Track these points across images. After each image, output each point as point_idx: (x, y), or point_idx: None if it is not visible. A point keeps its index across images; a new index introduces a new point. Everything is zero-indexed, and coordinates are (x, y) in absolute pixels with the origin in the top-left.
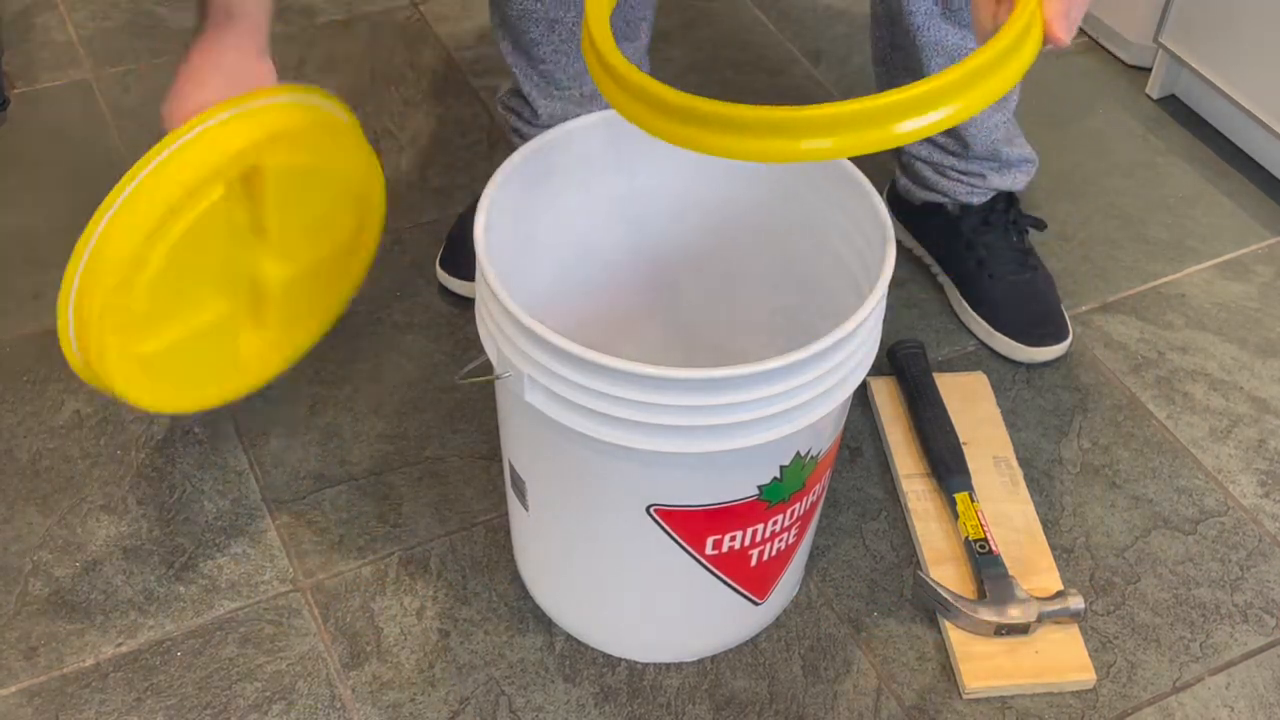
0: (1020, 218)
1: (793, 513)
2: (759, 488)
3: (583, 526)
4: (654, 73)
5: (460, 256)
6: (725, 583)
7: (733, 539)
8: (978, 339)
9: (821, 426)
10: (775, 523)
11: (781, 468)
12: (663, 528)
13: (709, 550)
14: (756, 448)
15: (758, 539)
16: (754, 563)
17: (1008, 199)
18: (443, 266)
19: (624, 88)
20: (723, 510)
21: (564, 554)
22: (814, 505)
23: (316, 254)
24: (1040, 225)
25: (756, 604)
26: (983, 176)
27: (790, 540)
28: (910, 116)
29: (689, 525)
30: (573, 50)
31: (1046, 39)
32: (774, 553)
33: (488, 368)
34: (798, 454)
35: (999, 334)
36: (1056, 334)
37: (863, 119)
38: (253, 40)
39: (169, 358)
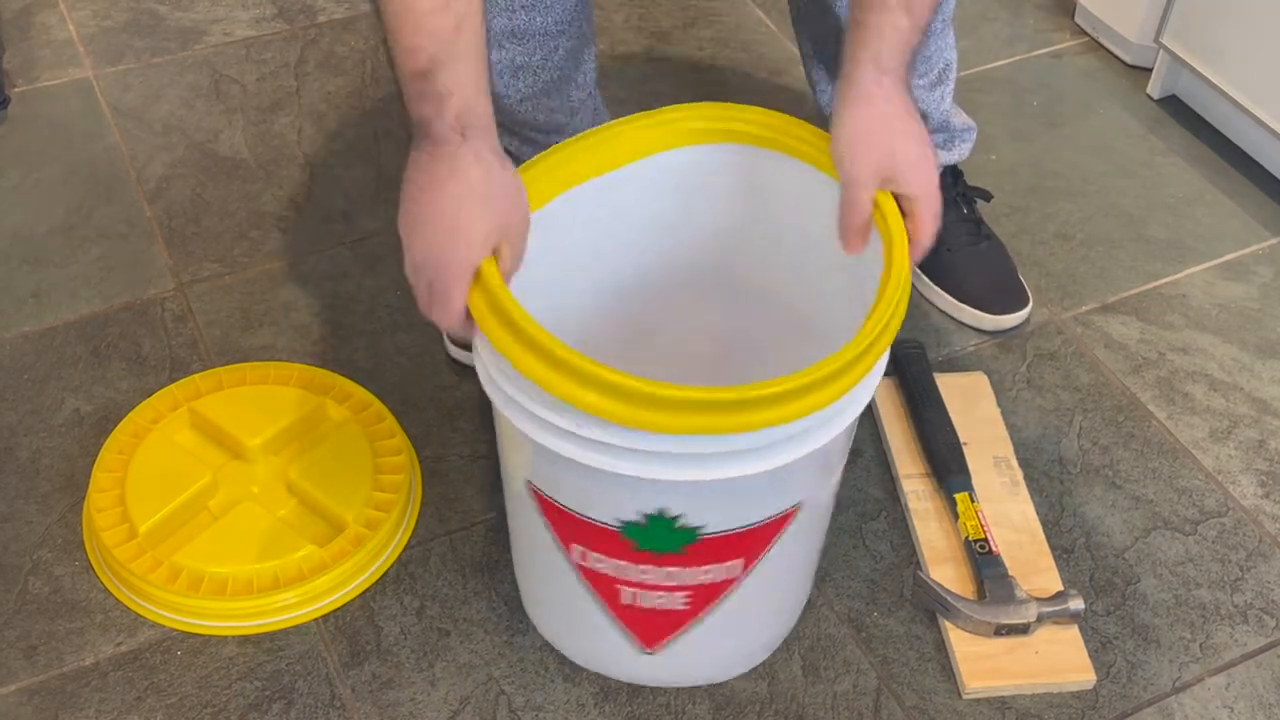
0: (967, 190)
1: (669, 574)
2: (620, 522)
3: (507, 494)
4: (652, 77)
5: None
6: (601, 608)
7: (599, 560)
8: (943, 312)
9: (696, 497)
10: (644, 571)
11: (645, 515)
12: (537, 508)
13: (576, 558)
14: (608, 475)
15: (627, 578)
16: (625, 600)
17: (954, 173)
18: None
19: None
20: (584, 523)
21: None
22: (715, 588)
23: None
24: (986, 196)
25: (644, 651)
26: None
27: (676, 605)
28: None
29: (557, 519)
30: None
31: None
32: (652, 604)
33: None
34: (660, 511)
35: (965, 306)
36: (1019, 300)
37: (721, 406)
38: (492, 150)
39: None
